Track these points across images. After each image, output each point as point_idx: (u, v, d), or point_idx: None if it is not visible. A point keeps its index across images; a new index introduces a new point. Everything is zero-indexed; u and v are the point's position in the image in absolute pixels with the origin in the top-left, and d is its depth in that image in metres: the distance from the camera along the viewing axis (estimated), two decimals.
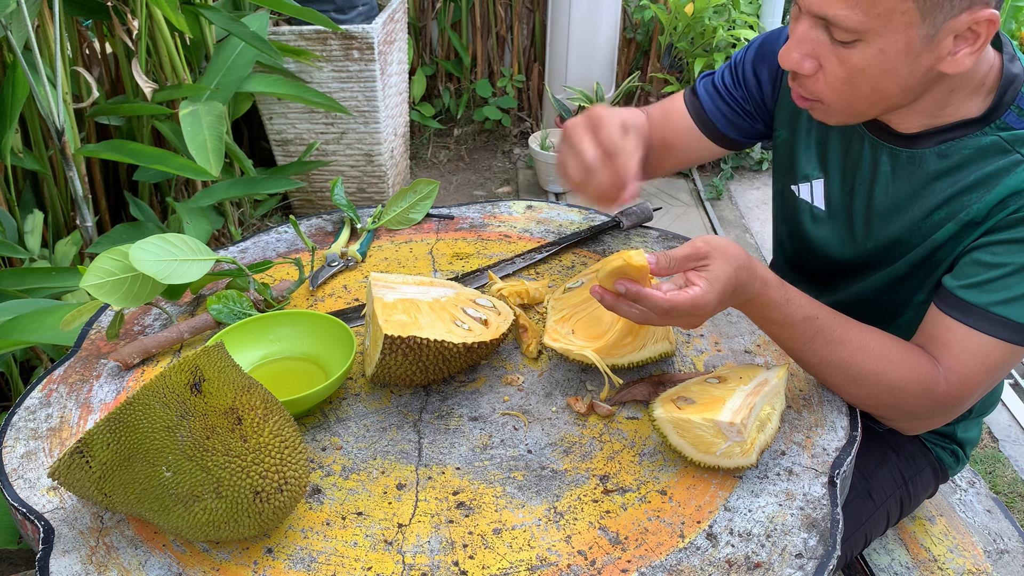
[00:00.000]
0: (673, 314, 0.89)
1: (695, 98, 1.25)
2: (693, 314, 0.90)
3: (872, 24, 0.86)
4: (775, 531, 0.85)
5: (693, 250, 0.91)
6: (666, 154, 1.29)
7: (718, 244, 0.91)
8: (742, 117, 1.23)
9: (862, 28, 0.87)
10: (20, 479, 0.92)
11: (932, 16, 0.85)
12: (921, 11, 0.85)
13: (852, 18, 0.86)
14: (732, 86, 1.22)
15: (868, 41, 0.88)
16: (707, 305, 0.89)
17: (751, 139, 1.26)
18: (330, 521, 0.87)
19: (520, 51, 3.87)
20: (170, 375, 0.79)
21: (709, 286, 0.89)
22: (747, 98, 1.21)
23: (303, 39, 2.75)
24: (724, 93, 1.23)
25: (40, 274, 1.73)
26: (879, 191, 1.06)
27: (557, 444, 0.97)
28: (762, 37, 1.21)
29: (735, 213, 3.40)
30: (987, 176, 0.96)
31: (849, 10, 0.86)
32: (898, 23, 0.86)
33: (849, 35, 0.88)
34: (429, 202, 1.40)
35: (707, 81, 1.25)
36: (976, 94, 0.97)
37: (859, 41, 0.89)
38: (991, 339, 0.94)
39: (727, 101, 1.22)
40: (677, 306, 0.88)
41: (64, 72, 1.83)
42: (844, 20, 0.87)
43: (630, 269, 0.89)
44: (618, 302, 0.91)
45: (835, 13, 0.87)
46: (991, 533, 1.33)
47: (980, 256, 0.96)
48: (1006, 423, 2.36)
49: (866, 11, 0.86)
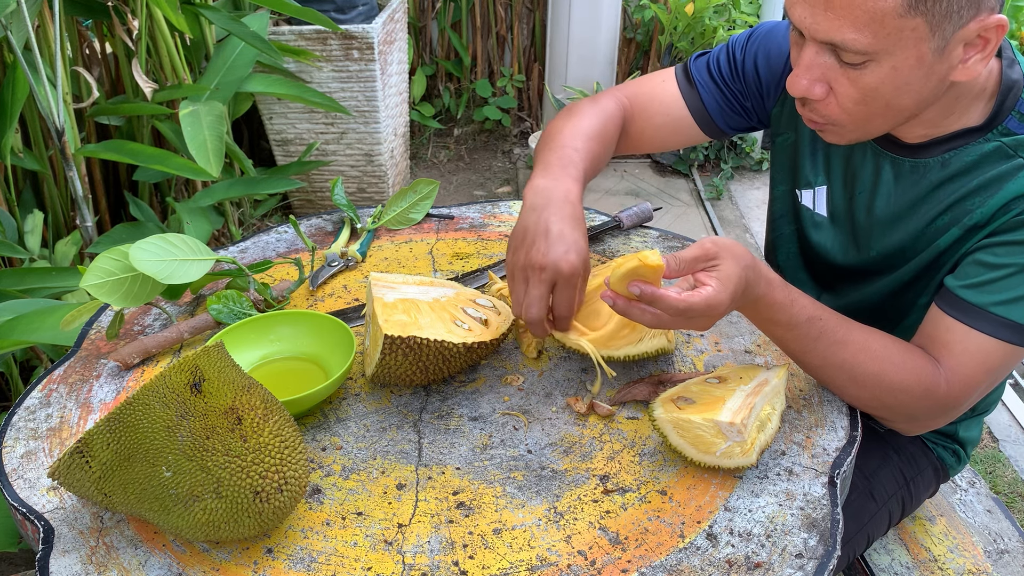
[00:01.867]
0: (688, 315, 0.89)
1: (691, 87, 1.21)
2: (707, 315, 0.89)
3: (882, 44, 0.85)
4: (775, 531, 0.85)
5: (702, 251, 0.90)
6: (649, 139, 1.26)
7: (726, 244, 0.91)
8: (739, 111, 1.21)
9: (872, 49, 0.86)
10: (20, 479, 0.92)
11: (942, 28, 0.84)
12: (931, 25, 0.84)
13: (861, 41, 0.85)
14: (731, 78, 1.19)
15: (879, 61, 0.87)
16: (720, 304, 0.88)
17: (741, 131, 1.24)
18: (330, 521, 0.87)
19: (520, 51, 3.87)
20: (170, 375, 0.79)
21: (721, 285, 0.88)
22: (746, 93, 1.19)
23: (303, 39, 2.75)
24: (722, 84, 1.20)
25: (40, 274, 1.73)
26: (880, 200, 1.06)
27: (557, 444, 0.97)
28: (764, 29, 1.18)
29: (735, 213, 3.40)
30: (990, 181, 0.96)
31: (857, 33, 0.85)
32: (908, 40, 0.85)
33: (859, 57, 0.87)
34: (429, 202, 1.40)
35: (701, 67, 1.21)
36: (977, 101, 0.97)
37: (870, 62, 0.87)
38: (991, 339, 0.94)
39: (725, 94, 1.20)
40: (693, 307, 0.88)
41: (64, 72, 1.83)
42: (853, 43, 0.85)
43: (645, 270, 0.88)
44: (631, 306, 0.90)
45: (843, 38, 0.85)
46: (991, 533, 1.33)
47: (982, 257, 0.96)
48: (1006, 423, 2.36)
49: (875, 33, 0.84)
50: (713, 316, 0.90)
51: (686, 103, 1.22)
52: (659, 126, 1.25)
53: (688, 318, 0.89)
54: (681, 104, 1.22)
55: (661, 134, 1.25)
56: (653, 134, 1.26)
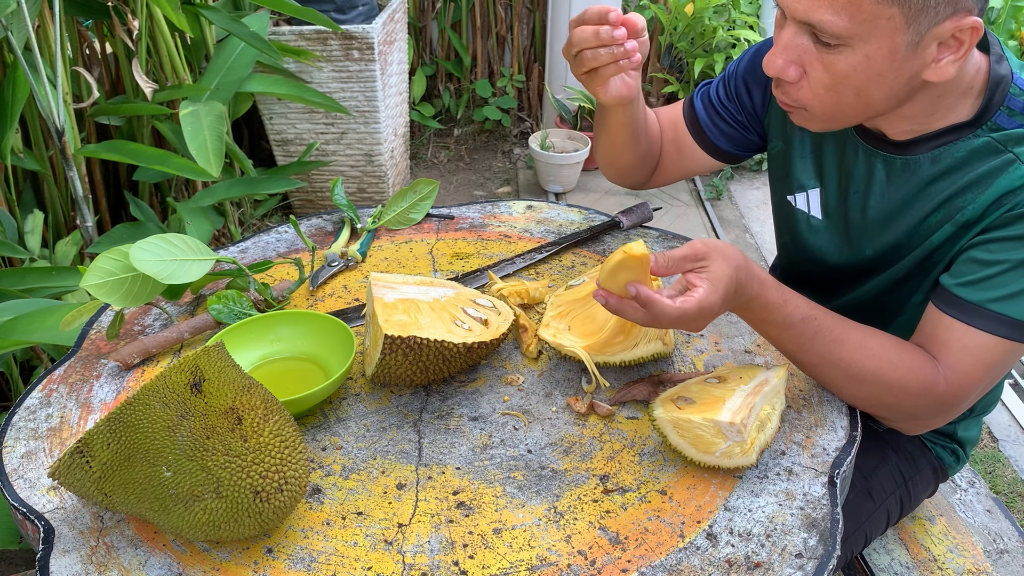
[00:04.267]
0: (683, 320, 0.89)
1: (692, 112, 1.27)
2: (699, 318, 0.89)
3: (857, 30, 0.86)
4: (775, 531, 0.85)
5: (692, 251, 0.91)
6: (671, 162, 1.31)
7: (716, 245, 0.91)
8: (736, 130, 1.24)
9: (847, 34, 0.87)
10: (20, 479, 0.92)
11: (917, 22, 0.86)
12: (906, 17, 0.85)
13: (837, 23, 0.86)
14: (726, 99, 1.24)
15: (853, 47, 0.88)
16: (713, 306, 0.89)
17: (748, 151, 1.28)
18: (330, 521, 0.87)
19: (520, 51, 3.87)
20: (170, 375, 0.79)
21: (712, 287, 0.89)
22: (739, 110, 1.23)
23: (303, 39, 2.75)
24: (719, 106, 1.24)
25: (40, 274, 1.73)
26: (874, 199, 1.06)
27: (557, 444, 0.97)
28: (754, 49, 1.22)
29: (735, 213, 3.40)
30: (981, 177, 0.96)
31: (834, 15, 0.86)
32: (883, 29, 0.86)
33: (834, 40, 0.88)
34: (429, 202, 1.40)
35: (703, 94, 1.27)
36: (965, 97, 0.97)
37: (844, 47, 0.89)
38: (990, 336, 0.94)
39: (721, 115, 1.24)
40: (686, 312, 0.88)
41: (64, 72, 1.83)
42: (829, 25, 0.87)
43: (631, 261, 0.89)
44: (623, 304, 0.91)
45: (820, 19, 0.87)
46: (991, 533, 1.33)
47: (977, 254, 0.96)
48: (1006, 423, 2.36)
49: (851, 16, 0.86)
50: (706, 318, 0.90)
51: (688, 128, 1.28)
52: (669, 152, 1.31)
53: (683, 322, 0.90)
54: (686, 129, 1.28)
55: (673, 160, 1.31)
56: (666, 159, 1.31)
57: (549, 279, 1.26)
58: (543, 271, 1.28)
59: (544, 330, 1.07)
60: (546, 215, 1.42)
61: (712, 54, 3.30)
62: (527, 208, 1.45)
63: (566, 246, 1.33)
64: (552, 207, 1.45)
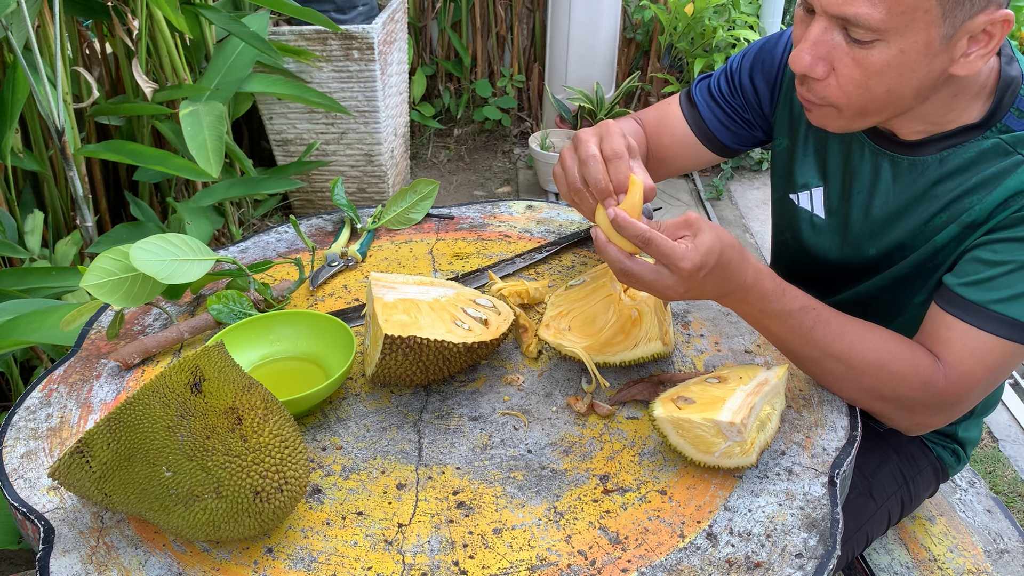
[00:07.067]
0: (663, 260, 0.88)
1: (692, 107, 1.25)
2: (675, 273, 0.88)
3: (894, 23, 0.85)
4: (775, 531, 0.85)
5: (684, 220, 0.91)
6: (661, 162, 1.29)
7: (711, 223, 0.91)
8: (740, 125, 1.23)
9: (884, 27, 0.86)
10: (20, 479, 0.92)
11: (953, 15, 0.85)
12: (943, 9, 0.84)
13: (875, 16, 0.85)
14: (729, 94, 1.22)
15: (888, 41, 0.87)
16: (690, 263, 0.87)
17: (749, 146, 1.26)
18: (330, 521, 0.87)
19: (520, 51, 3.87)
20: (170, 375, 0.79)
21: (694, 246, 0.88)
22: (745, 106, 1.22)
23: (303, 39, 2.75)
24: (721, 101, 1.22)
25: (40, 274, 1.73)
26: (878, 199, 1.06)
27: (557, 444, 0.97)
28: (759, 43, 1.20)
29: (735, 213, 3.40)
30: (988, 178, 0.96)
31: (871, 8, 0.85)
32: (920, 22, 0.85)
33: (869, 34, 0.87)
34: (429, 202, 1.40)
35: (703, 88, 1.25)
36: (977, 98, 0.97)
37: (879, 41, 0.87)
38: (991, 337, 0.94)
39: (725, 110, 1.22)
40: (664, 252, 0.87)
41: (64, 72, 1.83)
42: (866, 19, 0.85)
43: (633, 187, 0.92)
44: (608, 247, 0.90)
45: (857, 12, 0.86)
46: (991, 533, 1.33)
47: (981, 254, 0.96)
48: (1006, 423, 2.36)
49: (889, 9, 0.85)
50: (681, 276, 0.89)
51: (688, 123, 1.25)
52: (667, 147, 1.28)
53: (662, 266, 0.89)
54: (684, 125, 1.26)
55: (672, 155, 1.28)
56: (664, 156, 1.29)
57: (549, 279, 1.26)
58: (543, 271, 1.28)
59: (544, 330, 1.07)
60: (546, 215, 1.42)
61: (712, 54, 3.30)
62: (527, 208, 1.45)
63: (566, 246, 1.33)
64: (552, 207, 1.45)
